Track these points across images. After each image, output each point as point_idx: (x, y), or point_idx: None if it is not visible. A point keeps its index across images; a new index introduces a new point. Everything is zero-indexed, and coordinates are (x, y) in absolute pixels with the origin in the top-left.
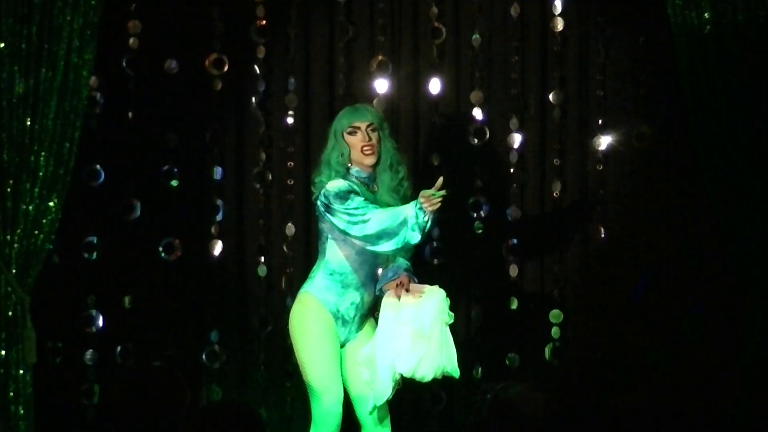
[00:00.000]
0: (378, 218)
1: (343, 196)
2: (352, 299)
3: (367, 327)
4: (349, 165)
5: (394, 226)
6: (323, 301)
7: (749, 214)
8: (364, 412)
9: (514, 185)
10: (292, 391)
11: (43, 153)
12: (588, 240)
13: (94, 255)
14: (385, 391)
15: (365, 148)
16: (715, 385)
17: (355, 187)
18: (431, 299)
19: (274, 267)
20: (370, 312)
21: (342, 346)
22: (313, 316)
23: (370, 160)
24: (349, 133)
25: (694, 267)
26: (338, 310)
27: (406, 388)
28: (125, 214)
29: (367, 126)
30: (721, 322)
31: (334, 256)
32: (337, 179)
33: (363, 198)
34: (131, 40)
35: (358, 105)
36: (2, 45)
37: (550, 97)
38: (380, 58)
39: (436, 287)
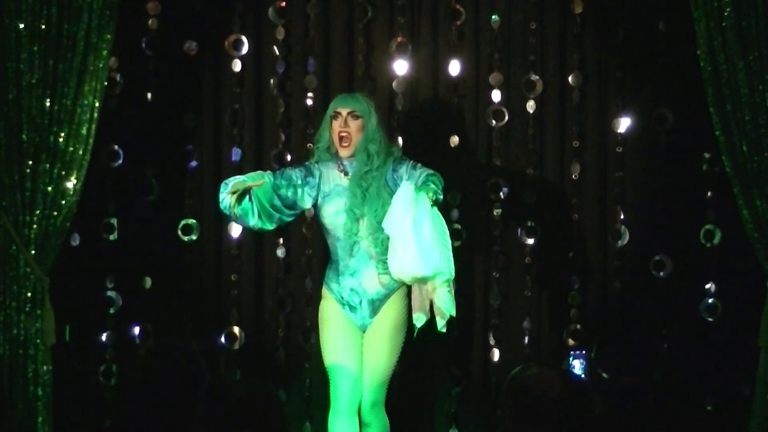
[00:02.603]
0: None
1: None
2: (351, 285)
3: (388, 313)
4: (336, 150)
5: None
6: (329, 289)
7: None
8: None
9: (533, 167)
10: (310, 373)
11: (62, 134)
12: (606, 222)
13: (114, 236)
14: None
15: (341, 133)
16: (733, 368)
17: (313, 169)
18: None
19: (292, 248)
20: (386, 298)
21: (364, 331)
22: (323, 303)
23: (343, 152)
24: (332, 117)
25: (713, 250)
26: (342, 297)
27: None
28: (144, 195)
29: (349, 112)
30: (740, 309)
31: (327, 244)
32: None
33: (287, 179)
34: (150, 21)
35: (353, 93)
36: (22, 26)
37: (570, 79)
38: (399, 39)
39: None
